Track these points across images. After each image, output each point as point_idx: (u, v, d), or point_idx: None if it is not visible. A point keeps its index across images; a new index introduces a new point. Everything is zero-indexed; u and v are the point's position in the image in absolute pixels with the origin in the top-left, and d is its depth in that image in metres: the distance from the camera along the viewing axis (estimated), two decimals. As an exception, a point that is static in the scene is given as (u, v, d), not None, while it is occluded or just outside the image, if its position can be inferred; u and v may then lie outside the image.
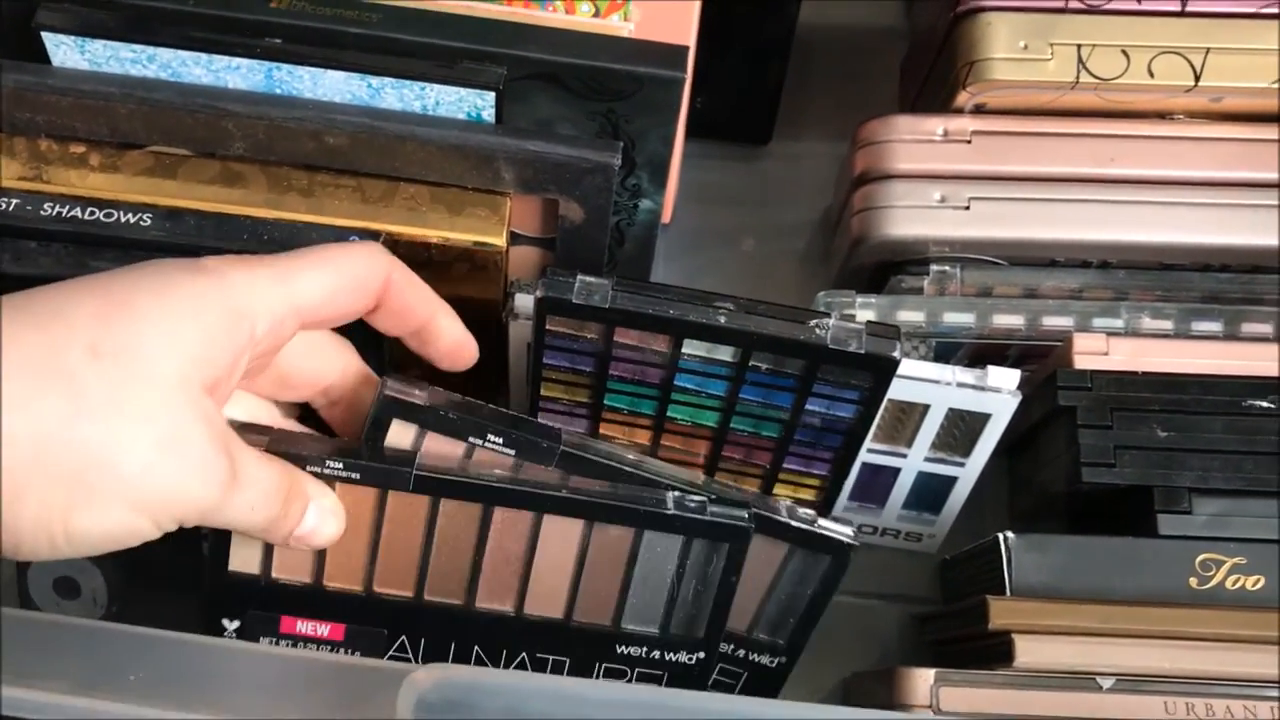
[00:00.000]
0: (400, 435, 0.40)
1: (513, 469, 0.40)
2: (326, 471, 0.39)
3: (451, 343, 0.41)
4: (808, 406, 0.45)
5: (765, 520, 0.42)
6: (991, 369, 0.46)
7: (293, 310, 0.35)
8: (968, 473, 0.50)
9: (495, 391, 0.51)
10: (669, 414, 0.47)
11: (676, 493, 0.41)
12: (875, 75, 0.64)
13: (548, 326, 0.43)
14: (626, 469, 0.41)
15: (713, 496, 0.41)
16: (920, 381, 0.46)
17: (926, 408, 0.47)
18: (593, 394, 0.46)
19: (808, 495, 0.51)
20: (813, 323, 0.42)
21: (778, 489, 0.50)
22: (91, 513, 0.31)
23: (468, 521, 0.41)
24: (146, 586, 0.49)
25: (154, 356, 0.32)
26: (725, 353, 0.43)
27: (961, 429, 0.49)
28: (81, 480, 0.31)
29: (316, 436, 0.41)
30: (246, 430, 0.38)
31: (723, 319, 0.41)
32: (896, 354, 0.42)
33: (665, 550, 0.41)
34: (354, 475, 0.39)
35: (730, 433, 0.47)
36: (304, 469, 0.38)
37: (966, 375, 0.46)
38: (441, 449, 0.40)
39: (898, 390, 0.45)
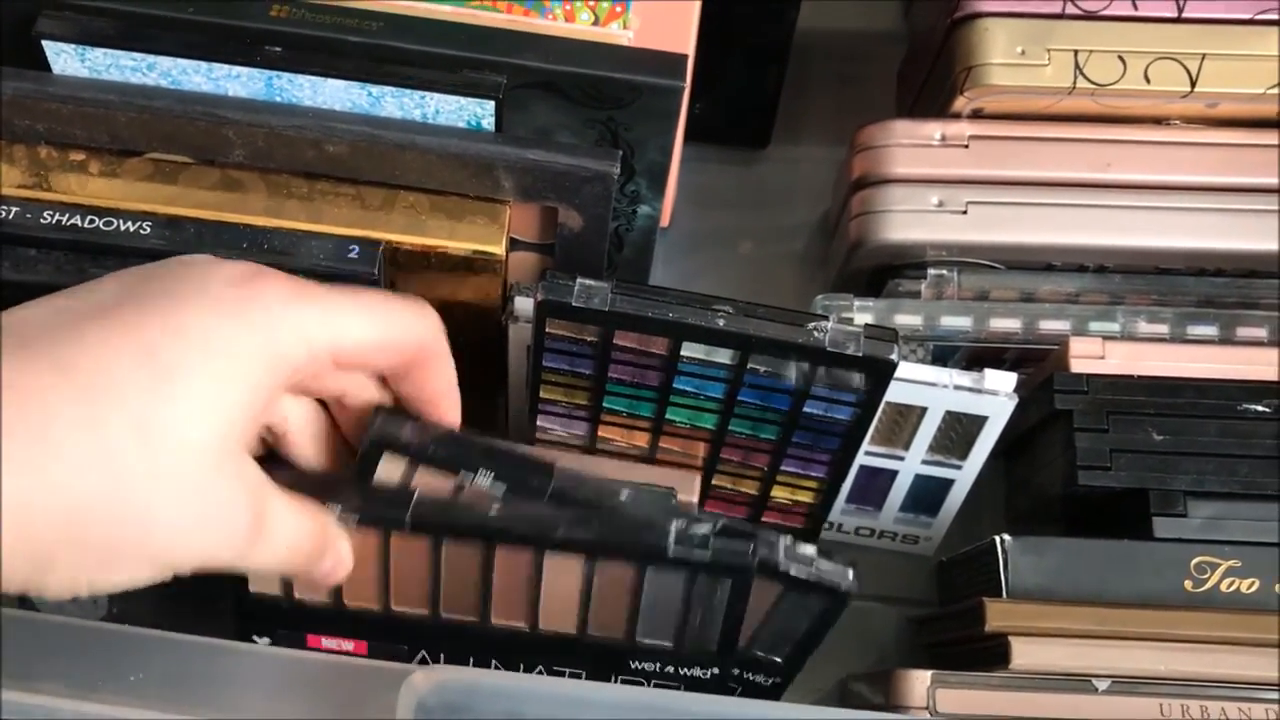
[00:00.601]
0: (391, 469, 0.39)
1: (505, 504, 0.40)
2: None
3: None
4: (805, 409, 0.45)
5: (761, 563, 0.41)
6: (989, 372, 0.46)
7: (331, 353, 0.34)
8: (965, 475, 0.51)
9: (495, 394, 0.52)
10: (668, 416, 0.47)
11: (677, 526, 0.39)
12: (873, 80, 0.64)
13: (547, 330, 0.43)
14: (622, 504, 0.40)
15: (717, 527, 0.40)
16: (917, 384, 0.46)
17: (924, 410, 0.47)
18: (592, 397, 0.46)
19: (805, 497, 0.51)
20: (811, 325, 0.42)
21: (776, 490, 0.51)
22: (119, 574, 0.31)
23: (471, 553, 0.41)
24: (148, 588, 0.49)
25: (198, 427, 0.31)
26: (724, 355, 0.44)
27: (959, 431, 0.49)
28: (112, 549, 0.30)
29: (312, 475, 0.40)
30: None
31: (721, 322, 0.42)
32: (894, 357, 0.42)
33: (671, 581, 0.41)
34: (352, 518, 0.38)
35: (729, 435, 0.48)
36: None
37: (964, 378, 0.46)
38: (434, 481, 0.40)
39: (895, 393, 0.46)
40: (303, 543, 0.35)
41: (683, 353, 0.44)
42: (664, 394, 0.46)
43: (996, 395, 0.46)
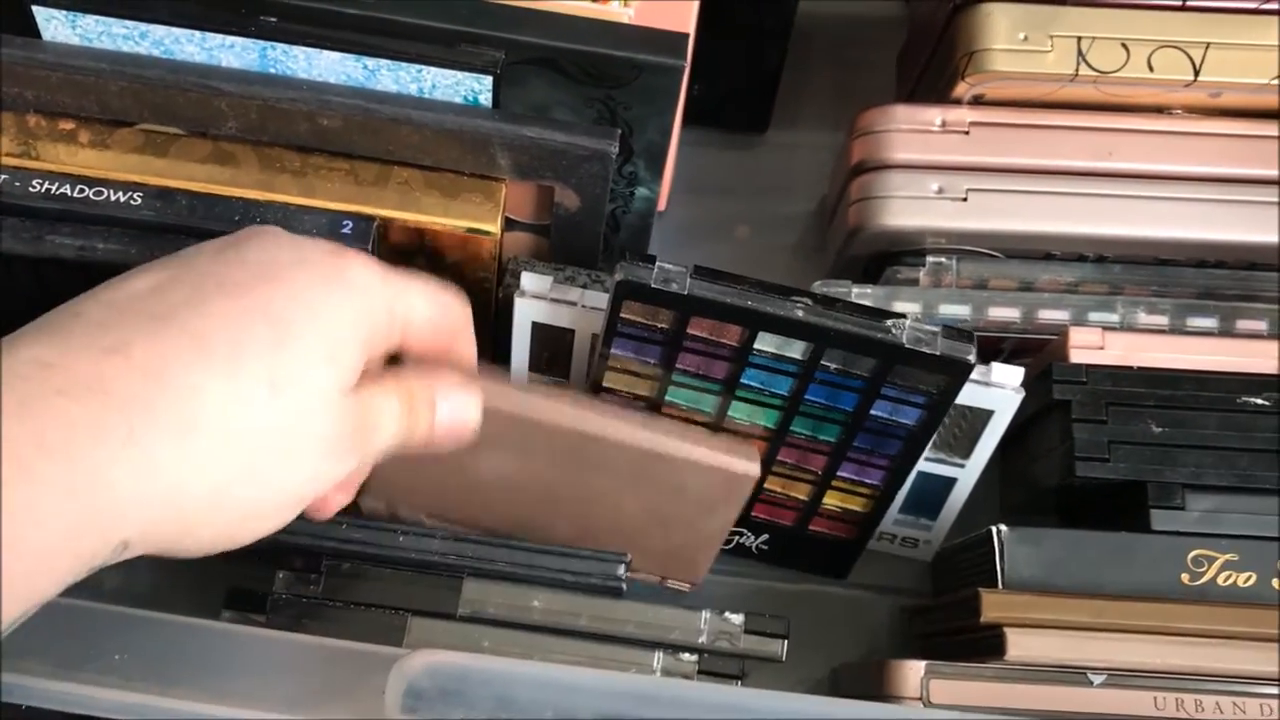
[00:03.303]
0: None
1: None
2: None
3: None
4: (873, 410, 0.45)
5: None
6: (995, 365, 0.45)
7: (402, 326, 0.36)
8: (967, 474, 0.50)
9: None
10: (729, 413, 0.46)
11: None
12: (873, 65, 0.64)
13: (621, 314, 0.43)
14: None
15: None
16: None
17: None
18: (655, 387, 0.46)
19: (857, 505, 0.50)
20: (889, 322, 0.41)
21: (829, 497, 0.50)
22: (255, 529, 0.33)
23: None
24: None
25: (319, 381, 0.33)
26: (796, 349, 0.43)
27: (962, 428, 0.49)
28: (249, 515, 0.32)
29: None
30: None
31: (800, 313, 0.41)
32: (971, 358, 0.41)
33: None
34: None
35: (789, 434, 0.47)
36: None
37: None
38: None
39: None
40: (397, 415, 0.36)
41: (756, 345, 0.43)
42: (730, 387, 0.45)
43: (1004, 389, 0.45)
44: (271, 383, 0.32)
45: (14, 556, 0.27)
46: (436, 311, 0.37)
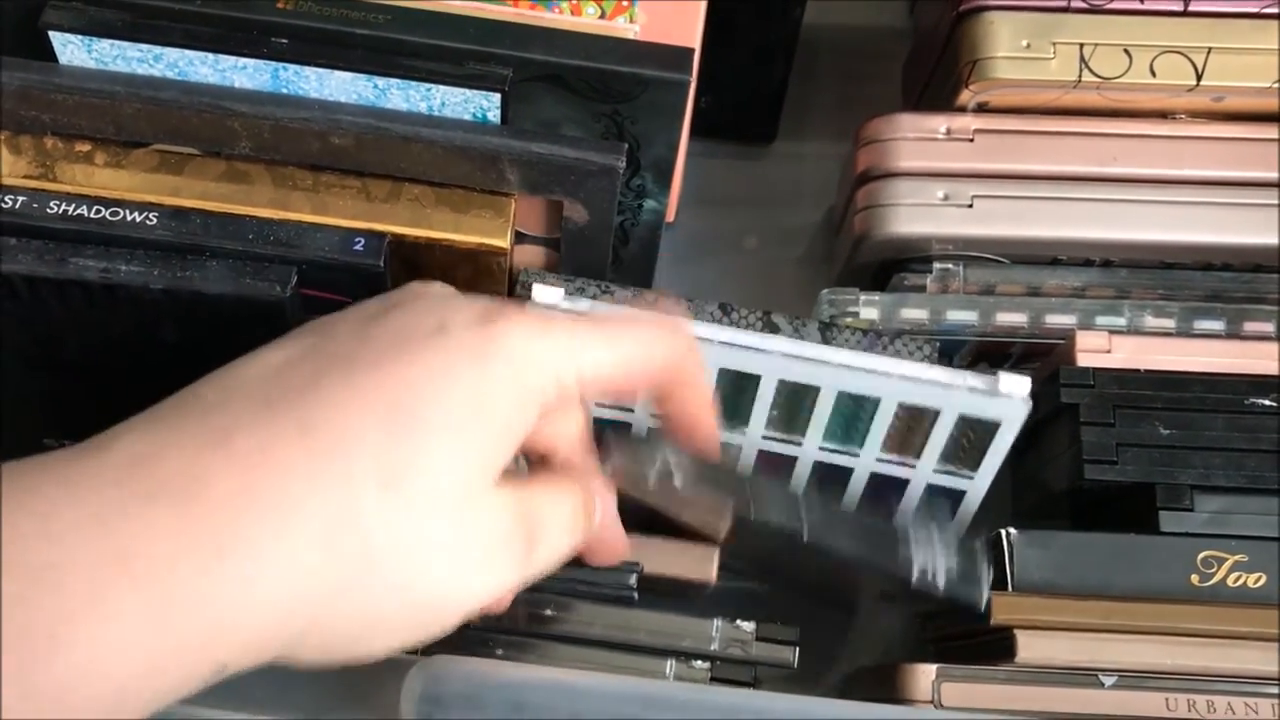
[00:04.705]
0: None
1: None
2: None
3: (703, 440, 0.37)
4: None
5: None
6: (1003, 375, 0.45)
7: (579, 384, 0.32)
8: (976, 486, 0.50)
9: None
10: None
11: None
12: (879, 75, 0.64)
13: None
14: None
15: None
16: (930, 385, 0.45)
17: (937, 414, 0.46)
18: None
19: None
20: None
21: None
22: (381, 643, 0.30)
23: None
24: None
25: (442, 478, 0.29)
26: None
27: (970, 439, 0.49)
28: (369, 621, 0.29)
29: None
30: None
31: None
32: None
33: None
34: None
35: None
36: None
37: (978, 380, 0.45)
38: None
39: (908, 394, 0.45)
40: (575, 519, 0.33)
41: None
42: None
43: (1011, 398, 0.45)
44: (381, 480, 0.28)
45: (83, 700, 0.24)
46: (625, 356, 0.33)
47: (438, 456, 0.29)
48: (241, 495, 0.26)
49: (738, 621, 0.44)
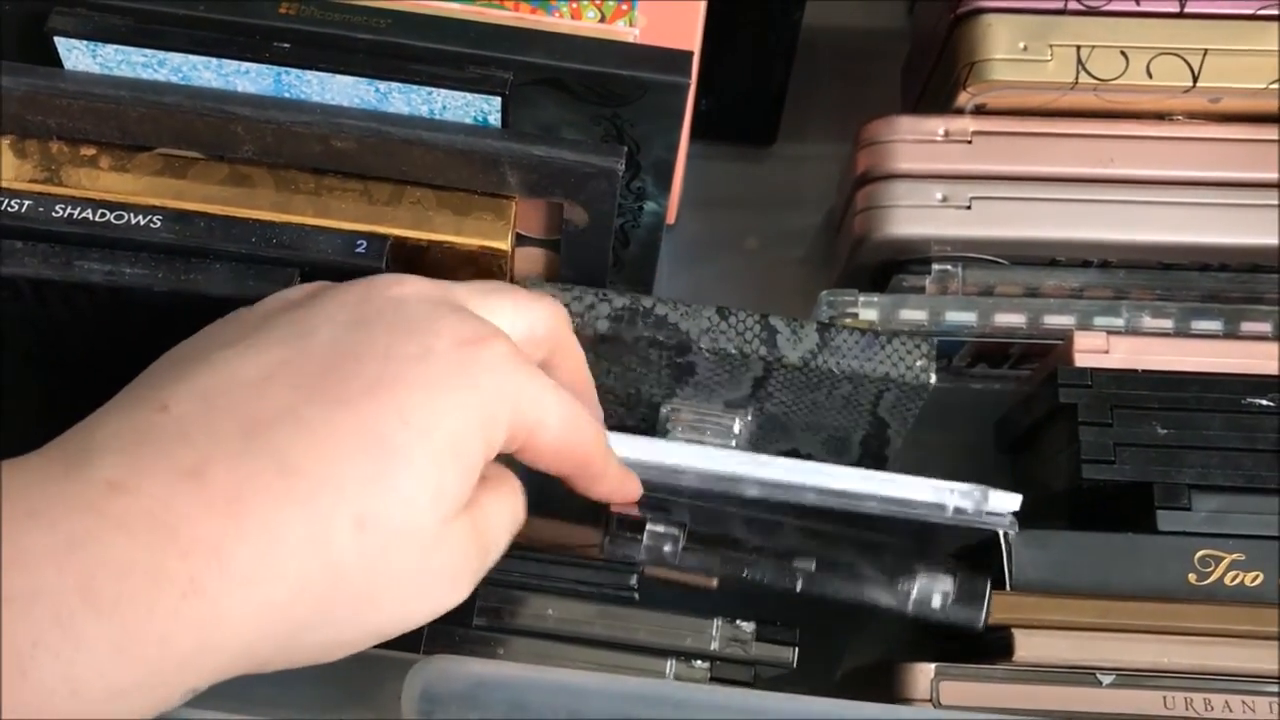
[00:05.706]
0: None
1: None
2: None
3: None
4: None
5: None
6: (991, 493, 0.42)
7: (525, 437, 0.33)
8: None
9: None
10: None
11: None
12: (878, 77, 0.64)
13: None
14: None
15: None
16: (916, 507, 0.43)
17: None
18: None
19: None
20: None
21: None
22: (336, 656, 0.31)
23: None
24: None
25: (418, 515, 0.30)
26: None
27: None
28: (330, 645, 0.30)
29: None
30: None
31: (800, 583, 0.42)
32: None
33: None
34: None
35: None
36: None
37: (964, 499, 0.42)
38: None
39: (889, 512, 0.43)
40: (518, 514, 0.34)
41: None
42: None
43: (1001, 517, 0.43)
44: (358, 521, 0.28)
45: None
46: (526, 326, 0.34)
47: (417, 496, 0.29)
48: (214, 534, 0.27)
49: (738, 621, 0.44)
